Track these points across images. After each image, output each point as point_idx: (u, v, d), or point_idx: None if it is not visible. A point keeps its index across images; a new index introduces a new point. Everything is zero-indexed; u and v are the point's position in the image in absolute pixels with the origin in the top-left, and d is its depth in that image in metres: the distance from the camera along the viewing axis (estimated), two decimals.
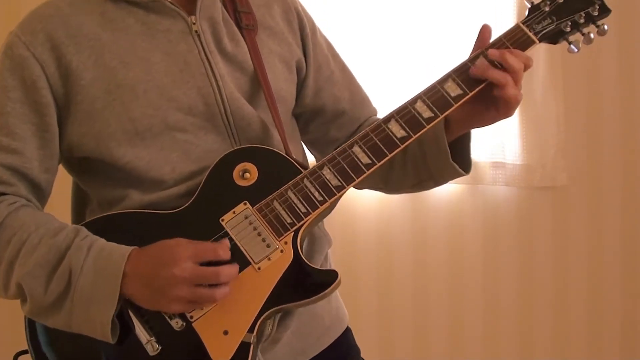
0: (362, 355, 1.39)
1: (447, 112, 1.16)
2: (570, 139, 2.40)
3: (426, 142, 1.23)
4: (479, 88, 1.16)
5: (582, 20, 1.19)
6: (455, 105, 1.16)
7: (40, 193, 1.19)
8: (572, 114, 2.41)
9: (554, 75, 2.35)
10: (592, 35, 1.20)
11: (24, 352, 1.18)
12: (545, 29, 1.19)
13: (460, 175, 1.24)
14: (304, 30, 1.31)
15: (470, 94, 1.16)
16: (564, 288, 2.47)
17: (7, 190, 1.14)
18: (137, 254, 1.07)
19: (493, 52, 1.15)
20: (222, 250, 1.07)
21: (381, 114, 1.40)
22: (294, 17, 1.30)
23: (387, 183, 1.35)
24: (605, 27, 1.19)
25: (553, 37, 1.20)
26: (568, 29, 1.19)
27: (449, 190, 2.39)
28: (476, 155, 2.08)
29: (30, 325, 1.15)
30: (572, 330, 2.48)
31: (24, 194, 1.16)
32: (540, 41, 1.19)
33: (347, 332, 1.36)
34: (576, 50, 1.20)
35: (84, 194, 1.25)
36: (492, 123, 1.21)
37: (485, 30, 1.20)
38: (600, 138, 2.45)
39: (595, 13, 1.19)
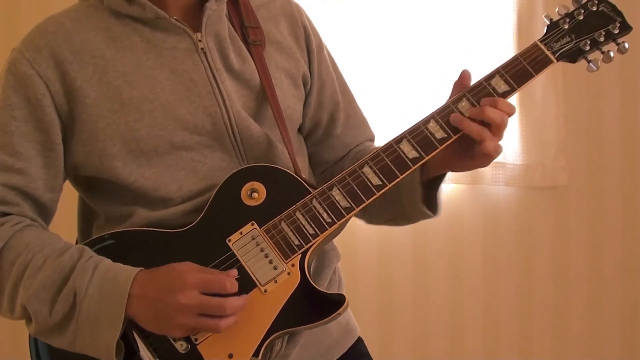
0: None
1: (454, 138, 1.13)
2: (570, 139, 2.40)
3: (402, 180, 1.20)
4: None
5: (602, 39, 1.17)
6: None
7: (45, 212, 1.17)
8: (572, 114, 2.41)
9: (554, 75, 2.34)
10: (611, 54, 1.17)
11: None
12: (563, 48, 1.17)
13: (428, 217, 1.22)
14: (310, 46, 1.29)
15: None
16: (564, 288, 2.47)
17: (12, 211, 1.13)
18: (144, 277, 1.06)
19: (472, 111, 1.12)
20: (230, 283, 1.05)
21: (385, 123, 1.40)
22: (301, 33, 1.28)
23: (364, 215, 1.33)
24: (626, 45, 1.17)
25: (571, 56, 1.18)
26: (587, 48, 1.17)
27: (449, 190, 2.38)
28: None
29: (35, 342, 1.14)
30: (572, 331, 2.48)
31: (29, 214, 1.14)
32: (558, 60, 1.16)
33: (359, 342, 1.35)
34: (595, 69, 1.18)
35: (91, 209, 1.24)
36: (468, 169, 1.19)
37: (464, 77, 1.17)
38: (600, 138, 2.45)
39: (616, 31, 1.17)
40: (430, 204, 1.23)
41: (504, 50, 2.32)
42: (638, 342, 2.51)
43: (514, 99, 2.43)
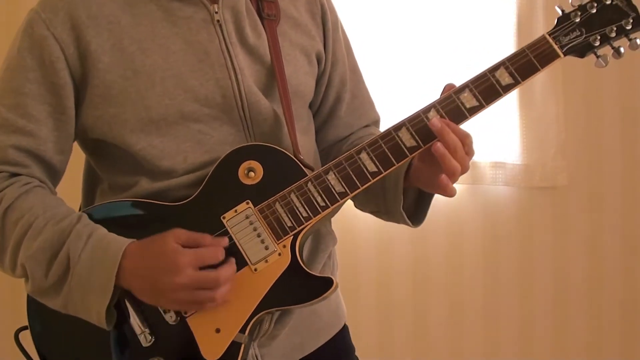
0: (361, 354, 1.39)
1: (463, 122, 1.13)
2: (570, 139, 2.40)
3: (387, 179, 1.21)
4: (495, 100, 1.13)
5: (613, 34, 1.14)
6: (469, 117, 1.13)
7: (54, 173, 1.20)
8: (572, 114, 2.41)
9: (554, 75, 2.34)
10: (622, 50, 1.14)
11: (25, 328, 1.20)
12: (572, 42, 1.14)
13: (406, 224, 1.22)
14: (326, 25, 1.29)
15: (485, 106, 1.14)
16: (564, 288, 2.47)
17: (22, 172, 1.15)
18: (135, 250, 1.08)
19: (434, 123, 1.10)
20: (221, 253, 1.08)
21: (384, 122, 1.39)
22: (317, 10, 1.29)
23: (354, 199, 1.32)
24: (638, 41, 1.14)
25: (580, 51, 1.15)
26: (597, 43, 1.14)
27: None
28: (476, 155, 2.09)
29: (31, 303, 1.17)
30: (572, 330, 2.48)
31: (38, 176, 1.16)
32: (565, 55, 1.14)
33: (345, 329, 1.36)
34: (604, 64, 1.15)
35: (96, 174, 1.26)
36: (428, 187, 1.17)
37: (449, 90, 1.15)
38: (600, 138, 2.45)
39: (629, 27, 1.13)
40: (417, 211, 1.23)
41: (504, 50, 2.32)
42: (638, 342, 2.51)
43: (514, 99, 2.45)
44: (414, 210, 1.24)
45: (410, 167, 1.18)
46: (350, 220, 2.32)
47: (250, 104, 1.17)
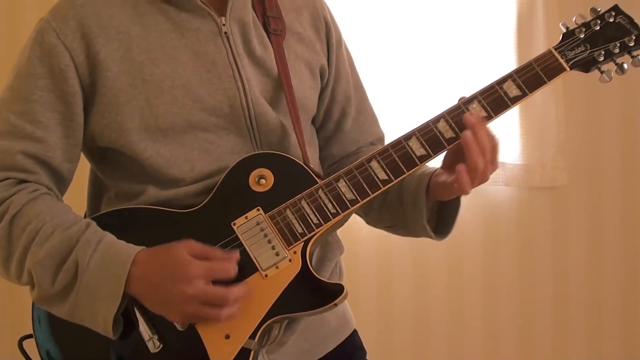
0: None
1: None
2: (570, 139, 2.40)
3: (405, 193, 1.22)
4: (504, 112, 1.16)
5: (616, 50, 1.18)
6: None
7: (62, 181, 1.20)
8: (572, 114, 2.41)
9: None
10: (625, 66, 1.18)
11: (29, 336, 1.20)
12: (577, 57, 1.18)
13: (431, 238, 1.23)
14: (330, 40, 1.31)
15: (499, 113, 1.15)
16: (564, 288, 2.48)
17: (30, 179, 1.15)
18: (146, 258, 1.08)
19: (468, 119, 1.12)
20: (233, 268, 1.07)
21: (384, 123, 1.40)
22: (322, 26, 1.30)
23: (367, 214, 1.35)
24: None
25: (585, 66, 1.19)
26: (601, 59, 1.18)
27: None
28: None
29: (36, 311, 1.17)
30: (572, 330, 2.48)
31: (46, 183, 1.16)
32: (571, 69, 1.18)
33: (354, 334, 1.36)
34: (608, 80, 1.19)
35: (102, 183, 1.26)
36: (443, 194, 1.18)
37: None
38: (600, 138, 2.45)
39: (632, 43, 1.17)
40: (440, 226, 1.23)
41: (504, 51, 2.33)
42: (638, 342, 2.51)
43: None
44: (436, 223, 1.24)
45: (430, 179, 1.19)
46: (351, 222, 2.32)
47: (257, 114, 1.18)
